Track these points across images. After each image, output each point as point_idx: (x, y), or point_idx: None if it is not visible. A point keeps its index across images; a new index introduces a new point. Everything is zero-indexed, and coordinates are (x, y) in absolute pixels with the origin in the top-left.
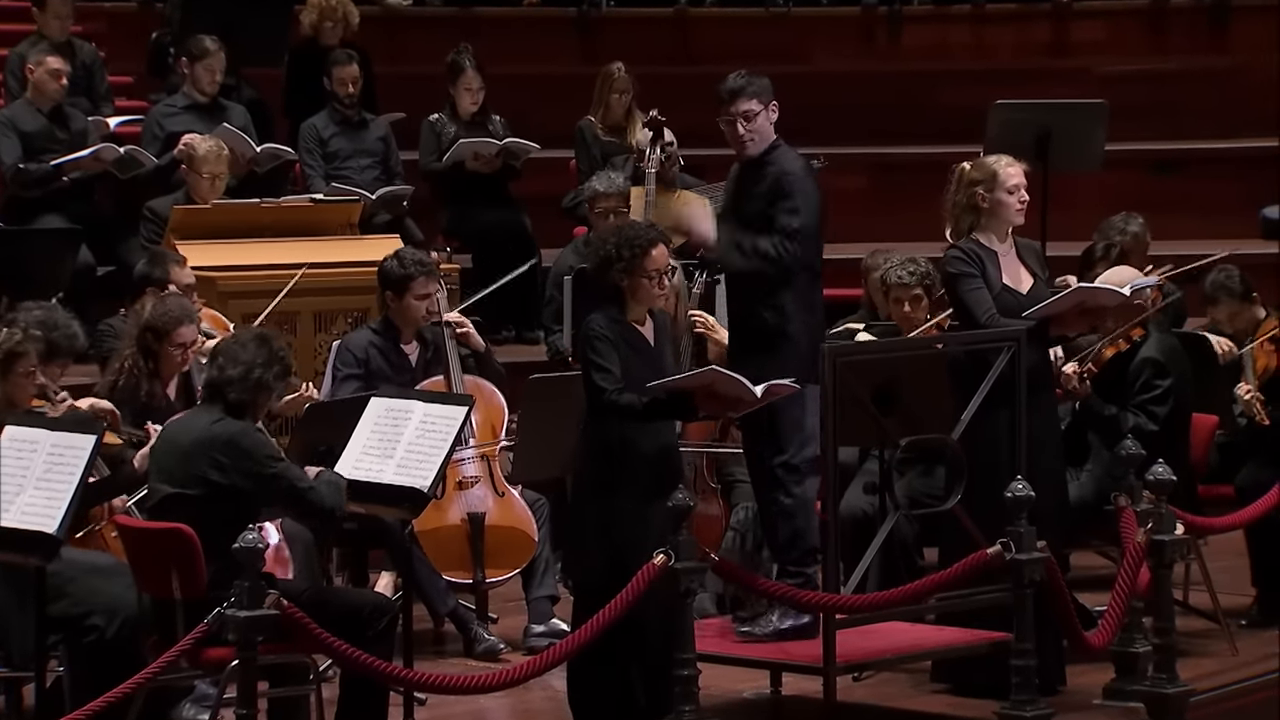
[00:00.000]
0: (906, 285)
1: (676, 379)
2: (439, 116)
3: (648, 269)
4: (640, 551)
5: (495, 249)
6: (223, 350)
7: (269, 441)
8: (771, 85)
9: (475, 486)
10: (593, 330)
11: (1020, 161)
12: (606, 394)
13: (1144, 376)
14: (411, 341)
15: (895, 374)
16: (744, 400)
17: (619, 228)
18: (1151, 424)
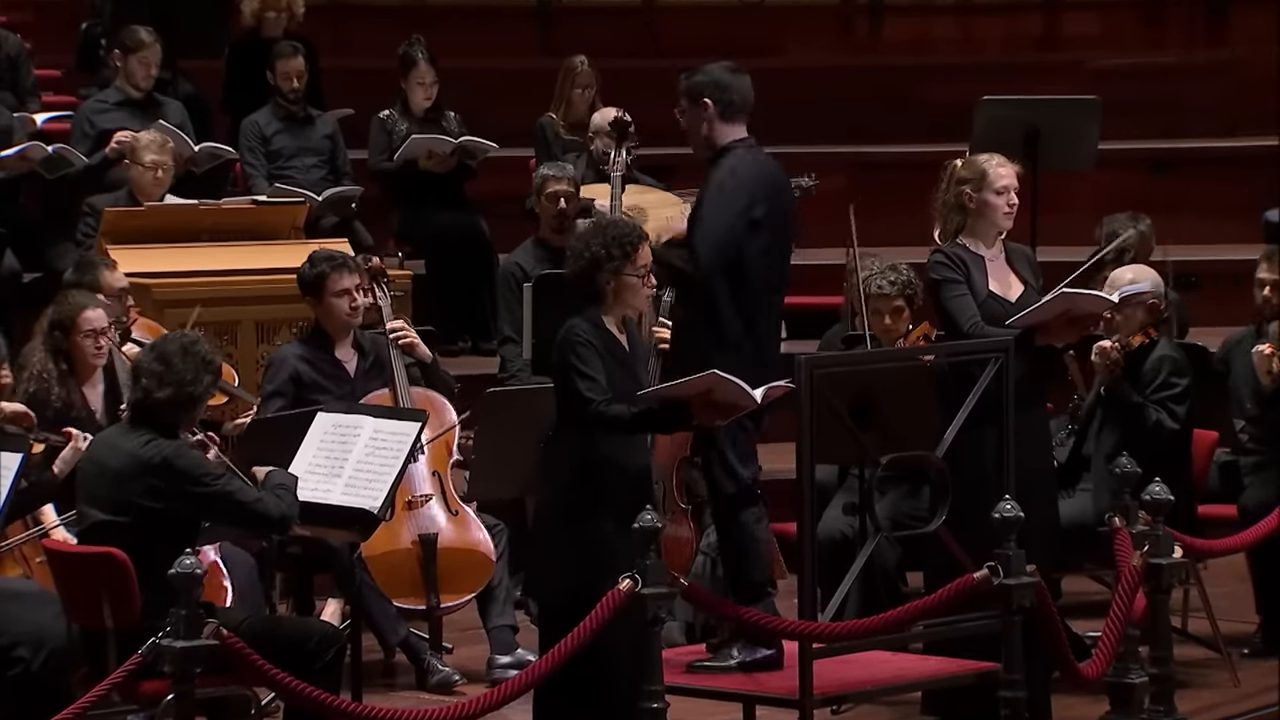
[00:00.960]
0: (887, 296)
1: (674, 385)
2: (389, 113)
3: (637, 267)
4: (619, 572)
5: (450, 254)
6: (145, 370)
7: (203, 459)
8: (720, 79)
9: (427, 506)
10: (576, 336)
11: (1013, 162)
12: (594, 405)
13: (1164, 373)
14: (348, 350)
15: (875, 387)
16: (740, 406)
17: (600, 227)
18: (1172, 421)
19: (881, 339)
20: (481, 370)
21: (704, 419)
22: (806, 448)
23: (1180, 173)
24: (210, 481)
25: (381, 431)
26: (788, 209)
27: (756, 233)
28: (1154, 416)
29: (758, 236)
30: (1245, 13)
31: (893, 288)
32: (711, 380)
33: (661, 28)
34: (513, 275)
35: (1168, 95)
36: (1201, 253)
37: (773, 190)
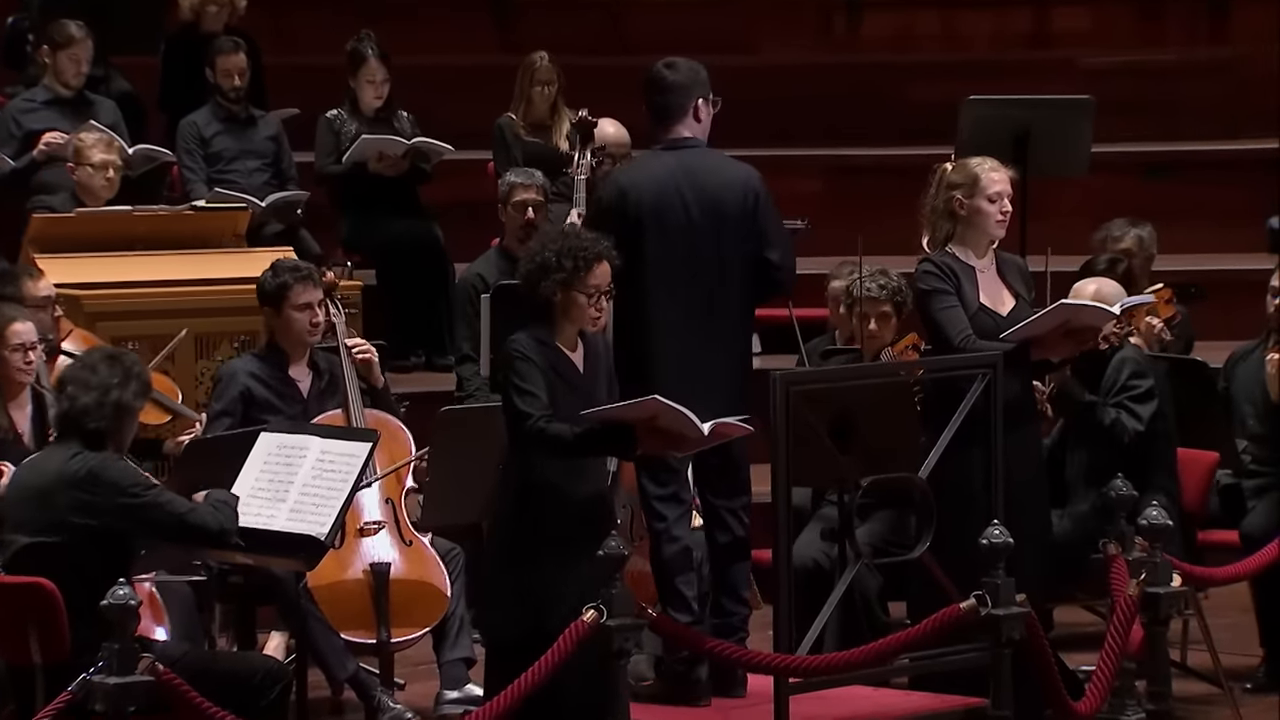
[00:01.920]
0: (875, 299)
1: (614, 408)
2: (337, 113)
3: (588, 285)
4: (566, 608)
5: (403, 263)
6: (70, 378)
7: (135, 469)
8: (649, 79)
9: (379, 534)
10: (515, 350)
11: (1007, 167)
12: (532, 421)
13: (1124, 375)
14: (302, 368)
15: (855, 405)
16: (688, 438)
17: (563, 233)
18: (1135, 421)
19: (865, 347)
20: (436, 387)
21: (650, 446)
22: (782, 469)
23: (1178, 177)
24: (140, 492)
25: (329, 453)
26: (689, 212)
27: (636, 239)
28: (1111, 416)
29: (637, 243)
30: (1247, 8)
31: (882, 292)
32: (652, 406)
33: (627, 22)
34: (472, 288)
35: (1165, 95)
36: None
37: (657, 193)
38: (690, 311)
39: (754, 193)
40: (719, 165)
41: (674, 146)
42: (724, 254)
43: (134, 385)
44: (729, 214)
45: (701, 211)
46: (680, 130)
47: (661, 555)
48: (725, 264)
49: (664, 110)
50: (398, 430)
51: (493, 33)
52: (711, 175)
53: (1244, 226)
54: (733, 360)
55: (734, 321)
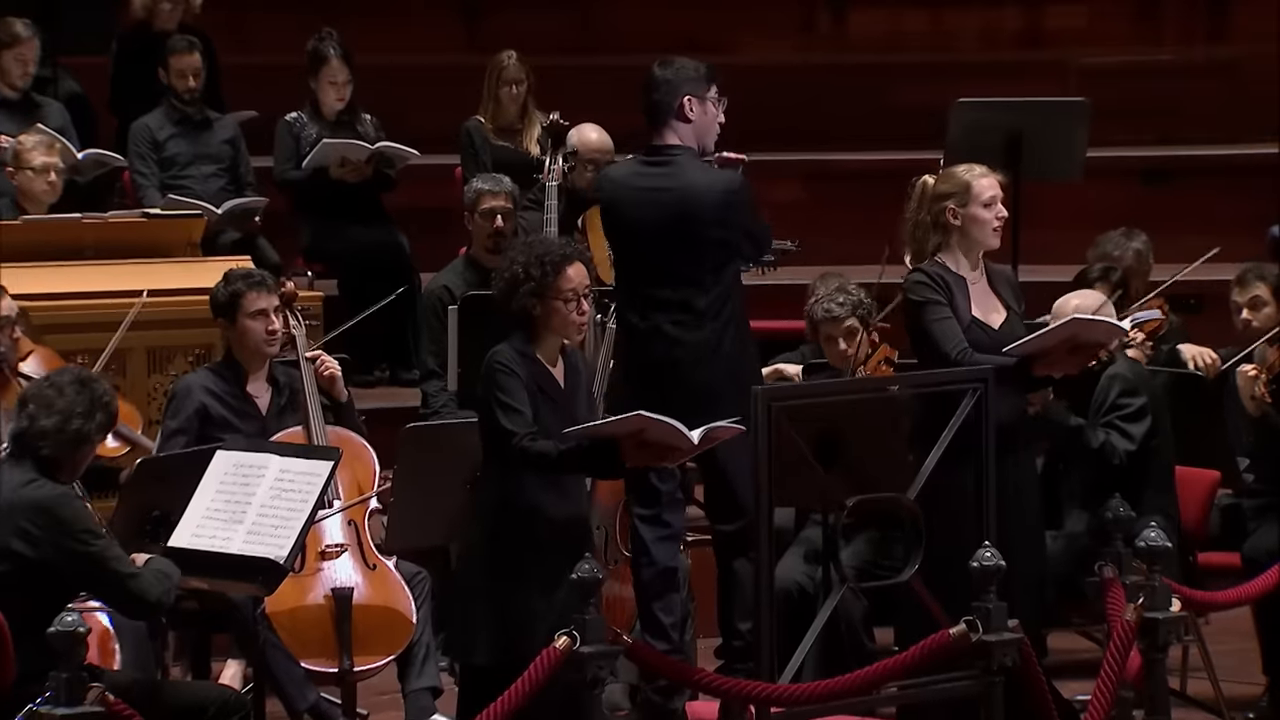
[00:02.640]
0: (837, 318)
1: (600, 424)
2: (297, 115)
3: (563, 289)
4: (544, 633)
5: (366, 273)
6: (34, 396)
7: (88, 515)
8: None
9: (341, 557)
10: (498, 364)
11: (996, 172)
12: (517, 439)
13: (1113, 393)
14: (261, 383)
15: (841, 421)
16: (679, 449)
17: (528, 243)
18: (1126, 442)
19: (838, 365)
20: (401, 403)
21: (637, 461)
22: (764, 489)
23: (1177, 184)
24: (90, 540)
25: (289, 472)
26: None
27: (619, 246)
28: (1100, 438)
29: (620, 250)
30: (1248, 6)
31: (843, 309)
32: (638, 422)
33: (600, 21)
34: (439, 300)
35: (1163, 97)
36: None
37: (631, 198)
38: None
39: (723, 199)
40: (693, 179)
41: (653, 153)
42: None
43: (99, 417)
44: (702, 222)
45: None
46: (667, 135)
47: (640, 577)
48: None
49: (653, 111)
50: (361, 448)
51: (460, 31)
52: (684, 190)
53: (1245, 235)
54: (718, 370)
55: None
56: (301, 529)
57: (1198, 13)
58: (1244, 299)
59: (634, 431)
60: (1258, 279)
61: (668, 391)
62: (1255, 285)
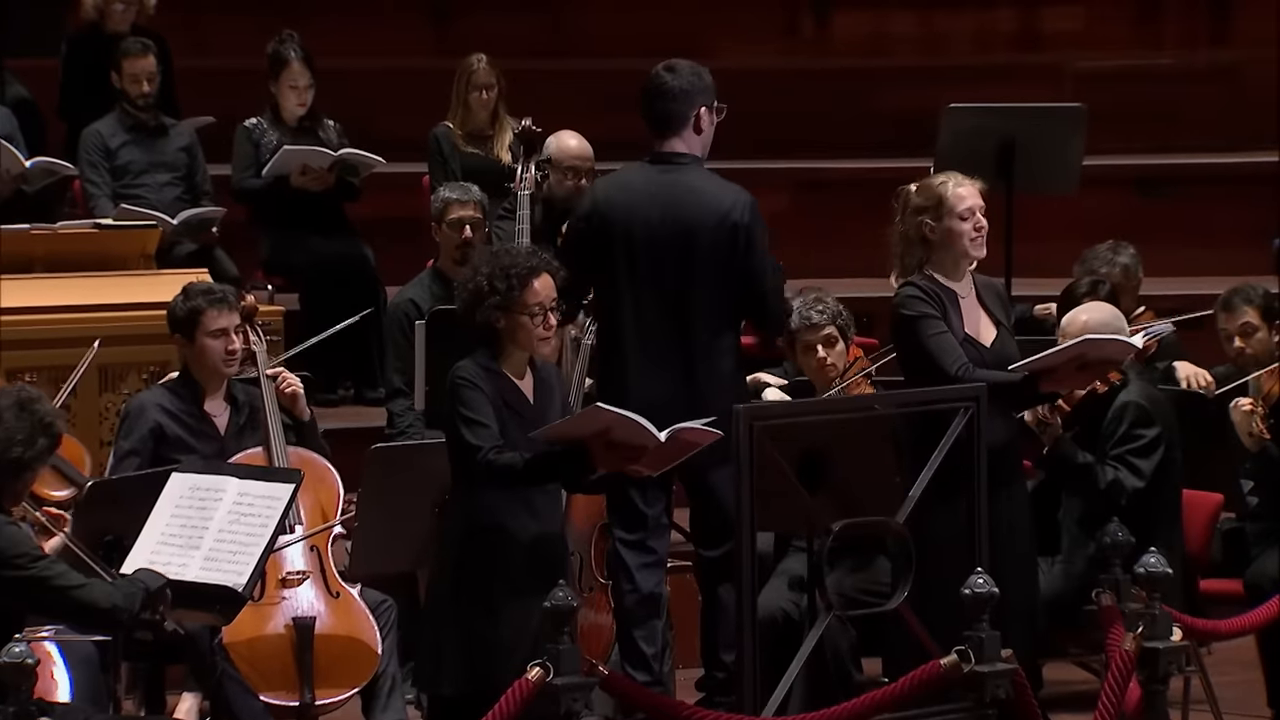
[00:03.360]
0: (815, 325)
1: (561, 423)
2: (257, 121)
3: (528, 304)
4: (517, 662)
5: (329, 287)
6: None
7: (25, 537)
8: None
9: (303, 585)
10: (461, 379)
11: (974, 180)
12: (481, 453)
13: (1125, 424)
14: (219, 402)
15: (826, 442)
16: (646, 448)
17: (492, 255)
18: (1135, 478)
19: (817, 379)
20: (367, 423)
21: (607, 464)
22: (746, 513)
23: (1176, 194)
24: (26, 564)
25: (248, 495)
26: (659, 230)
27: (607, 258)
28: (1109, 476)
29: (607, 263)
30: (1251, 8)
31: (821, 316)
32: (602, 417)
33: (573, 23)
34: (405, 315)
35: (1163, 103)
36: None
37: (630, 207)
38: (656, 336)
39: (734, 224)
40: (702, 187)
41: (661, 160)
42: (692, 282)
43: (40, 443)
44: (699, 242)
45: (670, 235)
46: (676, 143)
47: (621, 605)
48: (693, 292)
49: (664, 119)
50: (324, 470)
51: (428, 33)
52: (691, 196)
53: (1247, 247)
54: (704, 390)
55: (705, 347)
56: (261, 555)
57: (1199, 15)
58: (1233, 326)
59: (600, 431)
60: (1244, 303)
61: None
62: (1243, 310)
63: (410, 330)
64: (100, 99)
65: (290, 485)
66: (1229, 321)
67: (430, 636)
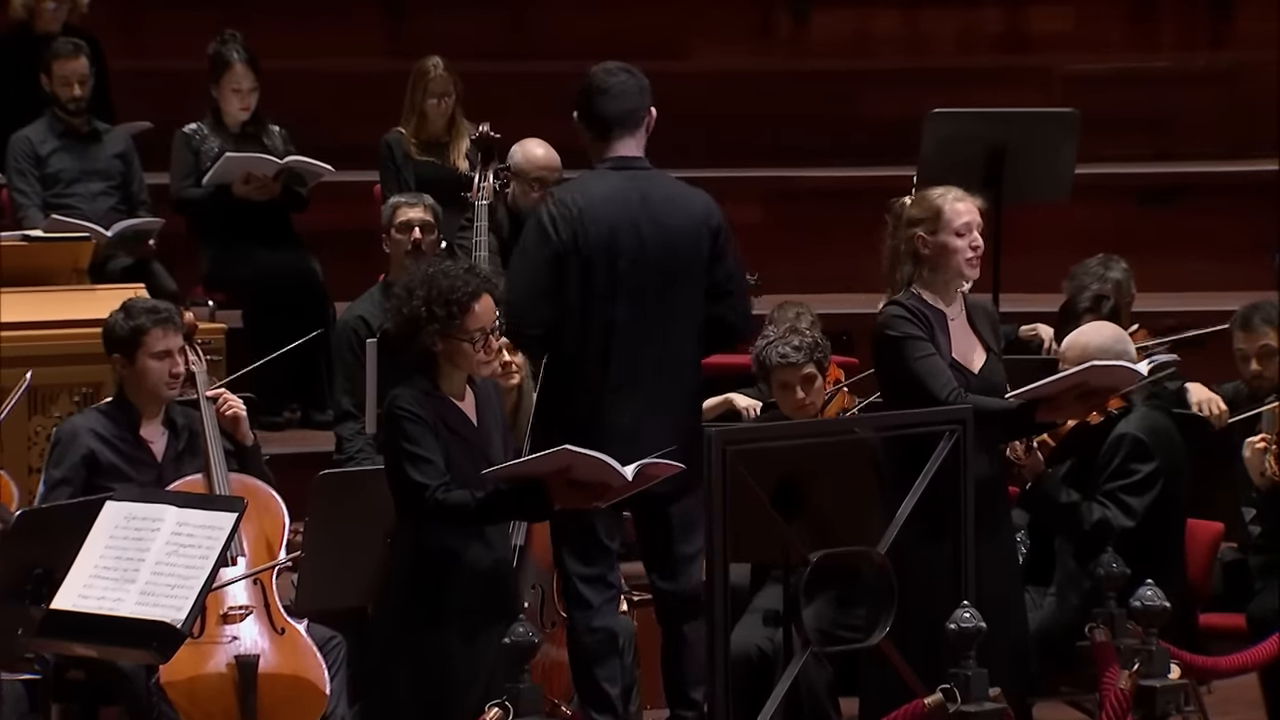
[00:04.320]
0: (794, 365)
1: (521, 462)
2: (197, 127)
3: (470, 329)
4: (471, 700)
5: (274, 303)
6: None
7: None
8: (589, 84)
9: (245, 620)
10: (400, 410)
11: (975, 196)
12: (429, 492)
13: (1119, 458)
14: (156, 427)
15: (803, 468)
16: (611, 486)
17: (429, 275)
18: (1125, 518)
19: (795, 418)
20: (314, 447)
21: (568, 502)
22: (719, 543)
23: (1174, 204)
24: None
25: (188, 524)
26: (645, 243)
27: (584, 273)
28: (1095, 515)
29: (584, 279)
30: (1252, 8)
31: (798, 354)
32: (565, 457)
33: (536, 24)
34: (354, 332)
35: (1158, 108)
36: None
37: (613, 218)
38: (634, 360)
39: (712, 229)
40: (675, 193)
41: (623, 167)
42: (677, 295)
43: None
44: (684, 252)
45: (656, 246)
46: (631, 146)
47: (581, 644)
48: (677, 306)
49: (618, 121)
50: (269, 498)
51: (381, 34)
52: (669, 205)
53: (1248, 261)
54: (681, 413)
55: (683, 366)
56: (201, 589)
57: (1198, 15)
58: (1251, 347)
59: (561, 469)
60: (1265, 323)
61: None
62: (1263, 331)
63: (360, 349)
64: (29, 103)
65: (232, 514)
66: (1247, 342)
67: (380, 676)
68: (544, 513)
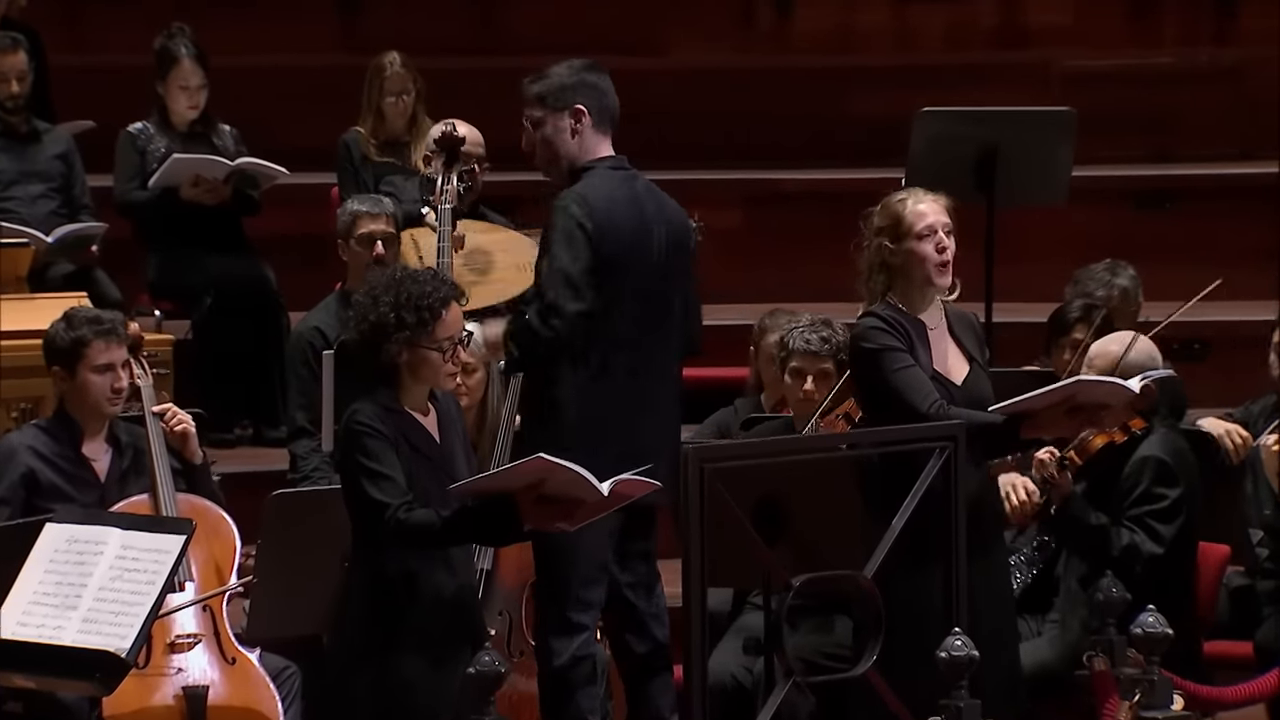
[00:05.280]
0: (815, 354)
1: (491, 474)
2: (143, 126)
3: (439, 338)
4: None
5: (224, 313)
6: None
7: None
8: (588, 80)
9: (194, 650)
10: (359, 425)
11: (939, 195)
12: (390, 511)
13: (1145, 482)
14: (99, 444)
15: (786, 486)
16: (587, 503)
17: (394, 282)
18: (1153, 544)
19: (796, 411)
20: (267, 466)
21: (538, 521)
22: (696, 566)
23: (1177, 208)
24: None
25: (133, 548)
26: (660, 247)
27: (610, 278)
28: (1124, 539)
29: (611, 282)
30: (1259, 3)
31: (824, 345)
32: (540, 467)
33: (501, 16)
34: (310, 344)
35: (1161, 107)
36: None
37: (634, 222)
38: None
39: (692, 230)
40: (659, 195)
41: (620, 167)
42: (676, 303)
43: None
44: (683, 256)
45: (666, 250)
46: (610, 146)
47: (564, 674)
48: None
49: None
50: (219, 520)
51: (336, 27)
52: (667, 205)
53: (1253, 267)
54: (671, 426)
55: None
56: (147, 616)
57: (1201, 10)
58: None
59: (533, 482)
60: None
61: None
62: None
63: (316, 361)
64: None
65: (180, 537)
66: None
67: (336, 708)
68: (514, 532)
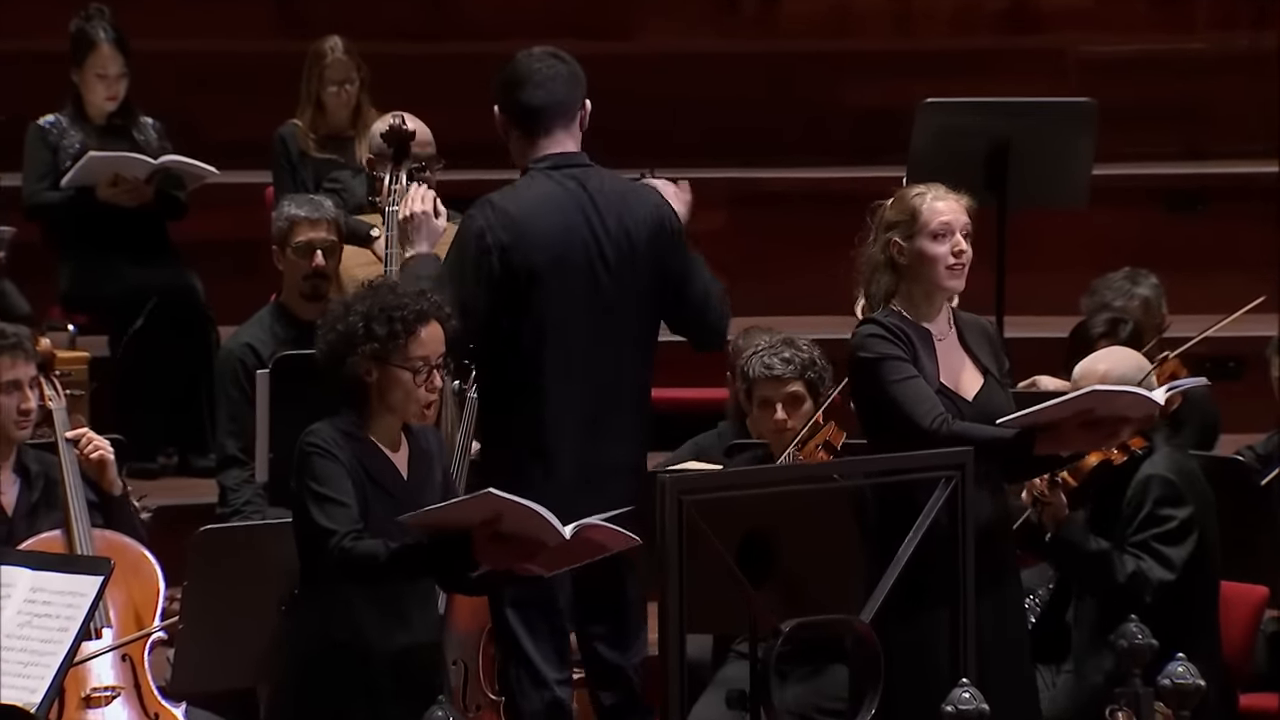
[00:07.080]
0: (778, 378)
1: (441, 507)
2: (55, 119)
3: (412, 356)
4: None
5: (146, 327)
6: None
7: None
8: (510, 75)
9: (112, 704)
10: (312, 445)
11: (960, 195)
12: (335, 539)
13: (1149, 503)
14: (7, 473)
15: (773, 521)
16: (545, 545)
17: (375, 289)
18: (1163, 570)
19: (771, 444)
20: (194, 499)
21: (492, 559)
22: (674, 609)
23: (1211, 211)
24: None
25: (43, 590)
26: (604, 250)
27: (530, 291)
28: (1129, 567)
29: (531, 298)
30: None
31: (786, 367)
32: (491, 503)
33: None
34: (241, 362)
35: (1191, 99)
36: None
37: (559, 228)
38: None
39: (672, 229)
40: (624, 190)
41: (561, 165)
42: (636, 310)
43: None
44: (641, 258)
45: (614, 254)
46: (567, 142)
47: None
48: (635, 324)
49: (549, 114)
50: (140, 558)
51: (271, 9)
52: (620, 204)
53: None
54: (633, 455)
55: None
56: (59, 667)
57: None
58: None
59: (489, 518)
60: None
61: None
62: None
63: (248, 381)
64: None
65: (97, 578)
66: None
67: None
68: (467, 569)
